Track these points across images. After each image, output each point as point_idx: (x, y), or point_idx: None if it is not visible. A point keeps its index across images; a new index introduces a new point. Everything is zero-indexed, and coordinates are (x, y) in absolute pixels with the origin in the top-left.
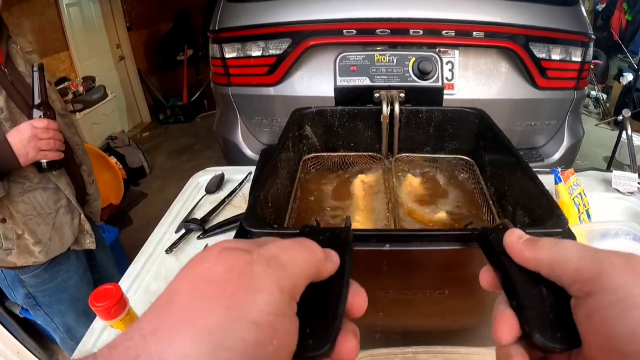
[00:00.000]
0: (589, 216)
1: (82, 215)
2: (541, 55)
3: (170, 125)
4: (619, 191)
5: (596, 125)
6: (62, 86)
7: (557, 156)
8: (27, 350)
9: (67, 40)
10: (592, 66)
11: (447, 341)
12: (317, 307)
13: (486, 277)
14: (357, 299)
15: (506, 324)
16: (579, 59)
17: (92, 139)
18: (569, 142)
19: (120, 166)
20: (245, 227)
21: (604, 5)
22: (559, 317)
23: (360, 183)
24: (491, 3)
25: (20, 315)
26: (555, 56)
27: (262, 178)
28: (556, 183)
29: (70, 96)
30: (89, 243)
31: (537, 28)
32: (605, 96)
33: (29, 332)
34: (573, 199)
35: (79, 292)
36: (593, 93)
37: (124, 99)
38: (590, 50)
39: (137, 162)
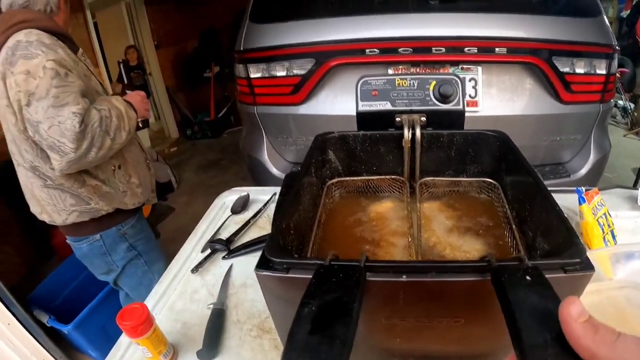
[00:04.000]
0: (613, 237)
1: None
2: (565, 69)
3: (197, 140)
4: None
5: (624, 135)
6: None
7: (583, 171)
8: (53, 358)
9: (96, 58)
10: (618, 75)
11: None
12: (322, 355)
13: None
14: None
15: None
16: (603, 71)
17: None
18: (596, 156)
19: None
20: (268, 256)
21: (628, 12)
22: None
23: (384, 209)
24: (513, 18)
25: (48, 325)
26: (580, 69)
27: (284, 205)
28: (580, 204)
29: None
30: (154, 198)
31: (560, 42)
32: (633, 105)
33: (56, 341)
34: (597, 220)
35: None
36: (620, 102)
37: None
38: (615, 62)
39: (164, 177)
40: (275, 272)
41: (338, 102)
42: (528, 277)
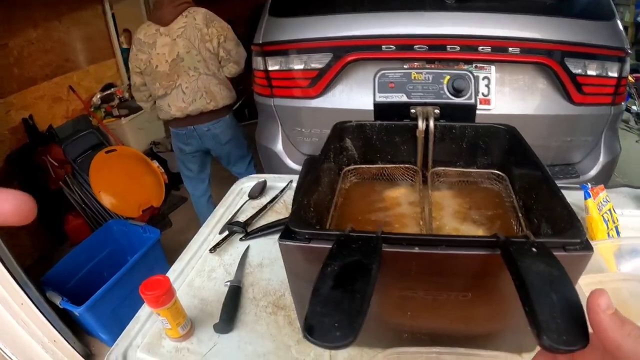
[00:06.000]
0: (618, 232)
1: None
2: (577, 70)
3: None
4: None
5: (637, 141)
6: (109, 92)
7: (593, 172)
8: (63, 339)
9: (114, 49)
10: (632, 80)
11: (470, 344)
12: (344, 306)
13: None
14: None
15: None
16: (615, 75)
17: (137, 144)
18: (606, 158)
19: (162, 170)
20: (291, 227)
21: None
22: (566, 322)
23: (397, 195)
24: (527, 19)
25: (60, 306)
26: (592, 72)
27: (306, 185)
28: (585, 198)
29: (116, 102)
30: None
31: (573, 44)
32: None
33: (67, 323)
34: (602, 215)
35: None
36: (634, 108)
37: None
38: (627, 66)
39: (178, 167)
40: (297, 242)
41: (354, 97)
42: (534, 249)
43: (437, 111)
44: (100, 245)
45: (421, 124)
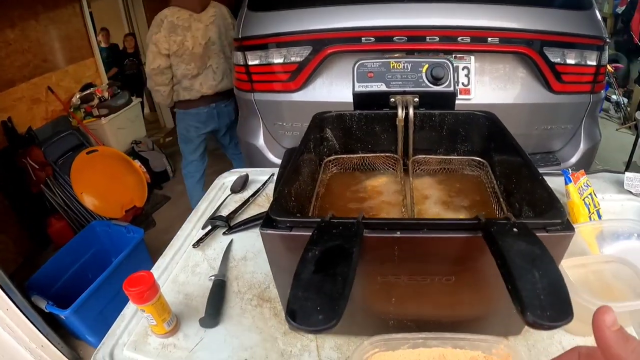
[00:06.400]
0: (599, 216)
1: None
2: (556, 59)
3: None
4: (631, 193)
5: (617, 130)
6: (88, 92)
7: (573, 160)
8: (50, 344)
9: (92, 48)
10: (612, 70)
11: (457, 329)
12: (326, 290)
13: None
14: None
15: None
16: (594, 63)
17: (118, 143)
18: (586, 146)
19: (144, 170)
20: (272, 216)
21: (623, 8)
22: (549, 299)
23: (378, 183)
24: (505, 9)
25: (46, 310)
26: (571, 60)
27: (287, 174)
28: (566, 183)
29: (95, 101)
30: None
31: (551, 33)
32: (626, 100)
33: (53, 327)
34: (583, 199)
35: None
36: (614, 97)
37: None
38: (606, 54)
39: (160, 166)
40: (279, 230)
41: (334, 89)
42: (515, 229)
43: (416, 99)
44: (84, 247)
45: (401, 113)
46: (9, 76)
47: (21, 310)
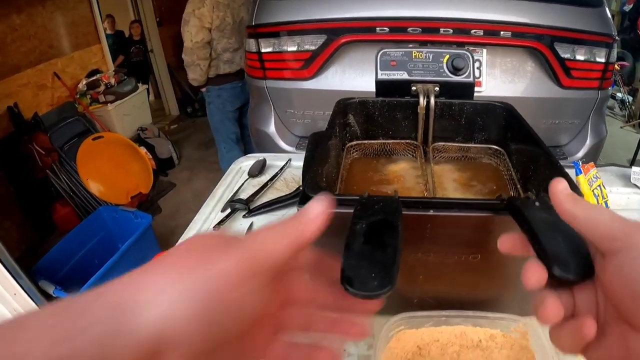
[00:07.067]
0: (607, 207)
1: None
2: (566, 55)
3: (198, 118)
4: (637, 187)
5: (621, 127)
6: (94, 78)
7: (580, 154)
8: None
9: (99, 34)
10: (618, 68)
11: (477, 307)
12: (378, 258)
13: (505, 243)
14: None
15: (533, 270)
16: (603, 60)
17: (124, 130)
18: (592, 141)
19: (150, 156)
20: (308, 193)
21: (631, 6)
22: (574, 256)
23: (399, 169)
24: (518, 4)
25: (54, 295)
26: (580, 56)
27: (318, 155)
28: (577, 175)
29: (102, 88)
30: None
31: (562, 29)
32: (631, 98)
33: None
34: (592, 190)
35: None
36: (619, 95)
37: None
38: (614, 52)
39: (166, 153)
40: None
41: (346, 78)
42: (537, 203)
43: (437, 89)
44: (91, 233)
45: (422, 101)
46: (14, 62)
47: (29, 295)
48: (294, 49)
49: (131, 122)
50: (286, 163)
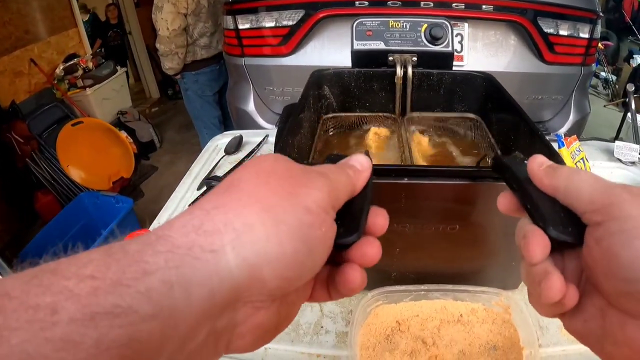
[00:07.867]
0: None
1: None
2: (549, 30)
3: (179, 100)
4: (620, 161)
5: (605, 106)
6: (71, 62)
7: (562, 130)
8: None
9: (76, 18)
10: (602, 47)
11: (457, 281)
12: (348, 213)
13: (503, 201)
14: (379, 217)
15: (538, 241)
16: (586, 35)
17: (103, 114)
18: (575, 117)
19: (131, 140)
20: None
21: None
22: (569, 218)
23: (375, 135)
24: None
25: None
26: (563, 32)
27: (289, 126)
28: (559, 147)
29: (80, 72)
30: None
31: (545, 3)
32: (615, 78)
33: None
34: (575, 164)
35: None
36: (603, 74)
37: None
38: (598, 27)
39: (147, 137)
40: None
41: (325, 53)
42: (526, 161)
43: (414, 59)
44: (73, 220)
45: (399, 71)
46: None
47: None
48: (272, 24)
49: (111, 106)
50: (263, 139)
